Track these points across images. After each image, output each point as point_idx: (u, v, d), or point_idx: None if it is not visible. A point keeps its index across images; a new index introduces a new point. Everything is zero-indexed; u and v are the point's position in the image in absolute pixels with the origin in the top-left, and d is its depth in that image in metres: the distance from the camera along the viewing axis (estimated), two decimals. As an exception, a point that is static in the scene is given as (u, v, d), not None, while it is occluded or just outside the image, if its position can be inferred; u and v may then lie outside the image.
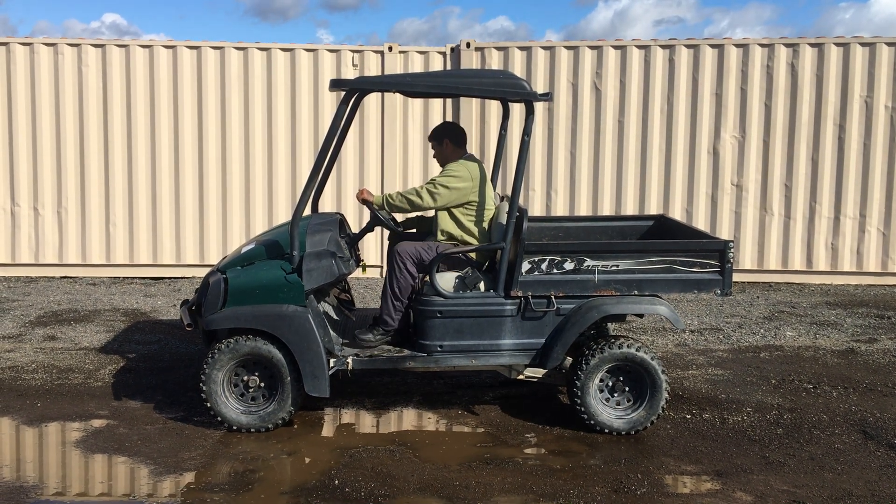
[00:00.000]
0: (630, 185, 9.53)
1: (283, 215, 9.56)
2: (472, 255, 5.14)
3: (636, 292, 4.91)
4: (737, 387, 5.82)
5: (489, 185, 5.29)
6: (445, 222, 5.18)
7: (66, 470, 4.50)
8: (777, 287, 9.33)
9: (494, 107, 9.61)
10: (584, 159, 9.55)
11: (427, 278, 5.05)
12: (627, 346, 4.89)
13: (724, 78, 9.35)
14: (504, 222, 4.98)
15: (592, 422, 4.91)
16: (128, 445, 4.76)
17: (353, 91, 4.91)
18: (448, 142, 5.30)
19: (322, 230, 5.07)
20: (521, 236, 4.85)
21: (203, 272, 9.59)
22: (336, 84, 4.91)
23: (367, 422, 5.24)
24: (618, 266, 4.89)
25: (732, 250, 4.91)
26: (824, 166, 9.35)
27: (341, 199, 9.63)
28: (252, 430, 4.92)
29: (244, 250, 5.18)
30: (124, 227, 9.55)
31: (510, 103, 5.91)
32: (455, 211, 5.16)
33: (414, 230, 5.73)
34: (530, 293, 4.89)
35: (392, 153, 9.61)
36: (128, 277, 9.63)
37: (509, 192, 5.18)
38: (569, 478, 4.36)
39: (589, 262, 4.88)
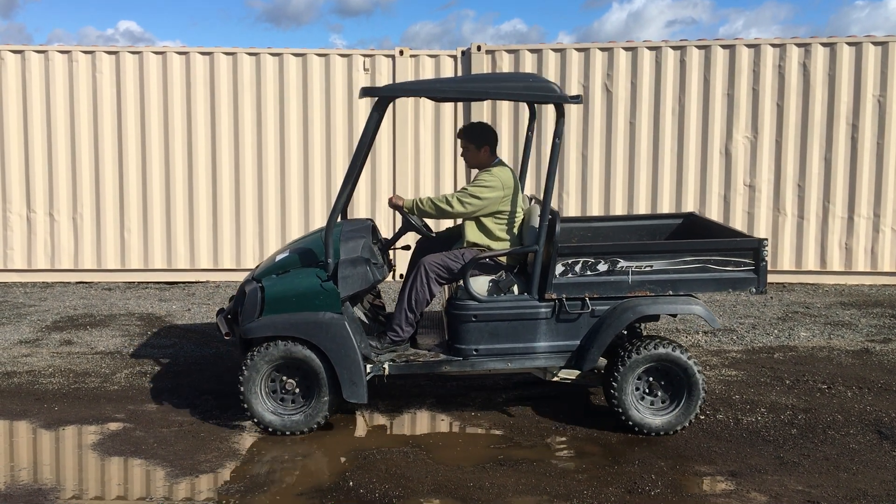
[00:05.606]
0: (642, 187, 9.52)
1: (296, 220, 9.62)
2: (504, 258, 5.14)
3: (671, 292, 4.91)
4: (751, 387, 5.81)
5: (520, 191, 5.28)
6: (473, 232, 5.17)
7: (84, 473, 4.55)
8: (791, 287, 9.29)
9: (506, 109, 9.63)
10: (596, 162, 9.54)
11: (459, 284, 5.03)
12: (664, 347, 4.89)
13: (735, 78, 9.33)
14: (535, 225, 4.97)
15: (630, 422, 4.90)
16: (144, 448, 4.80)
17: (385, 98, 4.93)
18: (487, 149, 5.27)
19: (356, 237, 5.08)
20: (555, 239, 4.85)
21: (217, 276, 9.66)
22: (367, 92, 4.92)
23: (380, 424, 5.26)
24: (652, 266, 4.88)
25: (767, 248, 4.91)
26: (837, 166, 9.31)
27: (351, 205, 9.66)
28: (290, 433, 4.94)
29: (278, 258, 5.20)
30: (139, 232, 9.62)
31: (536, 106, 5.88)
32: (484, 219, 5.14)
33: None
34: (564, 295, 4.89)
35: (403, 158, 9.64)
36: (142, 282, 9.69)
37: (534, 192, 5.18)
38: (583, 479, 4.36)
39: (623, 263, 4.88)
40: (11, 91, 9.44)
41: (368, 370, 4.90)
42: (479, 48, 9.55)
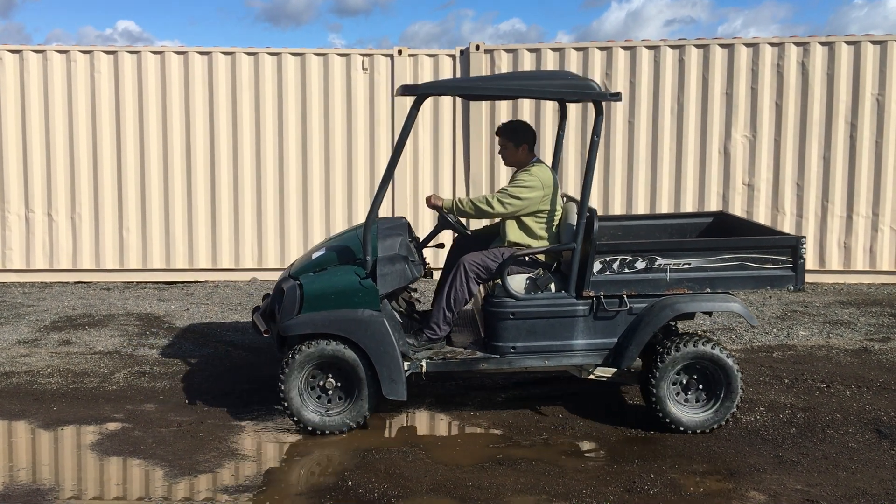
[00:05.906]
0: (641, 186, 9.52)
1: (295, 219, 9.61)
2: (542, 256, 5.14)
3: (708, 290, 4.91)
4: (750, 386, 5.80)
5: (558, 190, 5.28)
6: (513, 231, 5.16)
7: (82, 473, 4.54)
8: (790, 287, 9.28)
9: (505, 108, 9.62)
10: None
11: (497, 282, 5.02)
12: (703, 344, 4.89)
13: (734, 77, 9.33)
14: (572, 223, 4.99)
15: (668, 420, 4.90)
16: (143, 448, 4.80)
17: (423, 96, 4.92)
18: (526, 147, 5.26)
19: (393, 234, 5.09)
20: (593, 237, 4.85)
21: (215, 276, 9.66)
22: (406, 90, 4.90)
23: (379, 423, 5.26)
24: (689, 264, 4.89)
25: (805, 246, 4.91)
26: (836, 165, 9.31)
27: (351, 205, 9.66)
28: (332, 432, 4.93)
29: (315, 256, 5.20)
30: (137, 232, 9.62)
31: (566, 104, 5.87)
32: (525, 219, 5.13)
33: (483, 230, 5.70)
34: (602, 293, 4.89)
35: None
36: (141, 282, 9.69)
37: (566, 190, 5.12)
38: (581, 478, 4.36)
39: (661, 261, 4.88)
40: (10, 91, 9.43)
41: (406, 367, 4.91)
42: (477, 47, 9.55)
